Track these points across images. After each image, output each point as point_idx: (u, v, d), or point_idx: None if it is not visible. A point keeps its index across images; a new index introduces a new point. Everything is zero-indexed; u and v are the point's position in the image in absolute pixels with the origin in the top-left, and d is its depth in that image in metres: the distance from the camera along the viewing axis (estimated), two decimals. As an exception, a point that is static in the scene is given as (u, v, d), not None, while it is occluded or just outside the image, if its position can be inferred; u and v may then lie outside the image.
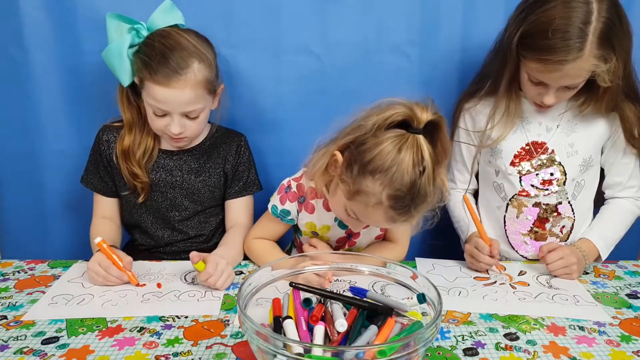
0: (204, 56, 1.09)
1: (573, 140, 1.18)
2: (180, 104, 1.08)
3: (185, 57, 1.06)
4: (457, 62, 1.35)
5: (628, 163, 1.21)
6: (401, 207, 0.90)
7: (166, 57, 1.05)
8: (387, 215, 0.92)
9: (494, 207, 1.28)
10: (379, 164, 0.88)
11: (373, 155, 0.89)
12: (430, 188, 0.90)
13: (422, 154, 0.88)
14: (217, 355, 0.81)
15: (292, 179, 1.15)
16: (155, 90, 1.06)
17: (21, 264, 1.14)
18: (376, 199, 0.90)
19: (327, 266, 0.92)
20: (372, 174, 0.89)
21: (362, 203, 0.93)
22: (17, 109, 1.31)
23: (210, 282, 1.01)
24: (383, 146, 0.88)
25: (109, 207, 1.26)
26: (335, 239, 1.18)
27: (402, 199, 0.89)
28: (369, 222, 1.00)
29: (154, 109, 1.10)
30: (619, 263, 1.20)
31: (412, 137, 0.88)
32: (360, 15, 1.30)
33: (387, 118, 0.89)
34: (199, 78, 1.08)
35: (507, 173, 1.22)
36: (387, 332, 0.76)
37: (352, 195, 0.93)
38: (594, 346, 0.85)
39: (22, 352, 0.81)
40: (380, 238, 1.20)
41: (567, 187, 1.20)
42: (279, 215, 1.15)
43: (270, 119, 1.35)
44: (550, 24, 0.99)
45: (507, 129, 1.19)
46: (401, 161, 0.87)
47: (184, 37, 1.08)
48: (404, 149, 0.87)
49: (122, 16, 1.10)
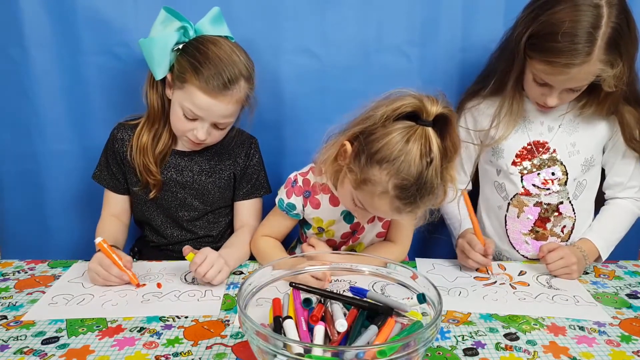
0: (249, 75, 1.12)
1: (575, 139, 1.18)
2: (218, 116, 1.11)
3: (237, 74, 1.08)
4: (457, 62, 1.35)
5: (629, 163, 1.21)
6: (407, 197, 0.90)
7: (219, 70, 1.06)
8: (393, 206, 0.92)
9: (495, 206, 1.28)
10: (387, 153, 0.88)
11: (381, 145, 0.89)
12: (437, 180, 0.90)
13: (430, 146, 0.88)
14: (217, 355, 0.81)
15: (298, 173, 1.16)
16: (199, 96, 1.07)
17: (21, 264, 1.14)
18: (382, 188, 0.90)
19: (327, 266, 0.92)
20: (379, 164, 0.89)
21: (368, 192, 0.93)
22: (17, 109, 1.31)
23: (198, 272, 1.01)
24: (391, 136, 0.89)
25: (119, 204, 1.26)
26: (340, 234, 1.18)
27: (408, 189, 0.89)
28: (375, 212, 1.00)
29: (187, 112, 1.10)
30: (619, 263, 1.20)
31: (421, 129, 0.88)
32: (360, 15, 1.30)
33: (396, 109, 0.90)
34: (241, 95, 1.11)
35: (509, 172, 1.22)
36: (387, 332, 0.76)
37: (358, 184, 0.94)
38: (594, 346, 0.85)
39: (22, 352, 0.81)
40: (382, 236, 1.20)
41: (568, 187, 1.20)
42: (284, 208, 1.15)
43: (270, 119, 1.36)
44: (560, 26, 0.99)
45: (509, 129, 1.19)
46: (408, 152, 0.87)
47: (236, 52, 1.10)
48: (412, 140, 0.88)
49: (177, 13, 1.10)
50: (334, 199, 1.13)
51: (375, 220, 1.17)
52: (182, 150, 1.23)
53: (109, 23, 1.26)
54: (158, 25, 1.11)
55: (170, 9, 1.10)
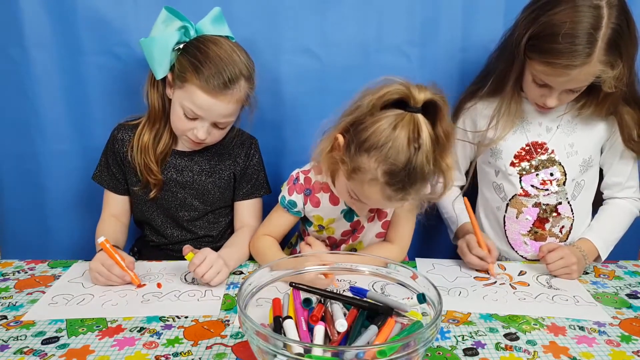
0: (250, 76, 1.12)
1: (573, 140, 1.18)
2: (217, 115, 1.11)
3: (238, 73, 1.08)
4: (457, 62, 1.35)
5: (627, 164, 1.21)
6: (396, 183, 0.90)
7: (219, 69, 1.06)
8: (384, 193, 0.93)
9: (494, 207, 1.28)
10: (374, 141, 0.89)
11: (369, 133, 0.90)
12: (428, 167, 0.90)
13: (419, 132, 0.88)
14: (217, 355, 0.81)
15: (300, 171, 1.17)
16: (199, 95, 1.07)
17: (21, 264, 1.14)
18: (372, 175, 0.91)
19: (327, 266, 0.92)
20: (367, 152, 0.90)
21: (359, 181, 0.94)
22: (17, 109, 1.31)
23: (197, 272, 1.01)
24: (379, 124, 0.90)
25: (119, 205, 1.26)
26: (340, 232, 1.19)
27: (397, 175, 0.89)
28: (368, 200, 1.00)
29: (187, 111, 1.10)
30: (619, 263, 1.20)
31: (409, 116, 0.89)
32: (360, 15, 1.30)
33: (382, 96, 0.91)
34: (241, 95, 1.11)
35: (507, 173, 1.22)
36: (387, 332, 0.76)
37: (350, 174, 0.95)
38: (594, 346, 0.85)
39: (22, 352, 0.81)
40: (382, 237, 1.20)
41: (567, 188, 1.20)
42: (286, 205, 1.16)
43: (270, 119, 1.36)
44: (560, 27, 0.99)
45: (507, 129, 1.19)
46: (396, 138, 0.88)
47: (236, 52, 1.10)
48: (399, 126, 0.88)
49: (177, 12, 1.10)
50: (333, 198, 1.13)
51: (375, 220, 1.17)
52: (182, 150, 1.23)
53: (109, 23, 1.26)
54: (159, 24, 1.11)
55: (172, 9, 1.10)
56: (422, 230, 1.47)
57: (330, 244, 1.21)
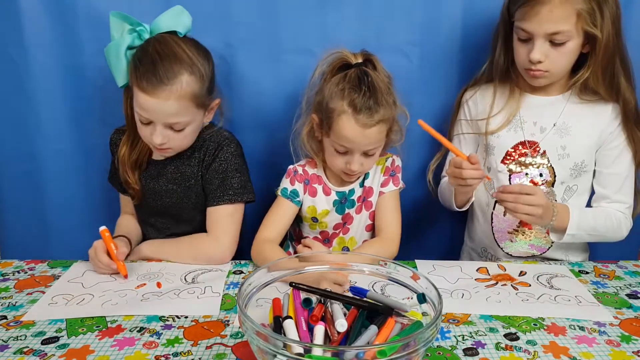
0: (196, 68, 1.05)
1: (566, 143, 1.18)
2: (163, 115, 1.05)
3: (176, 67, 1.02)
4: (457, 62, 1.35)
5: (617, 176, 1.19)
6: (361, 104, 1.05)
7: (155, 65, 1.02)
8: (357, 121, 1.06)
9: (483, 203, 1.29)
10: (334, 90, 1.08)
11: (330, 90, 1.09)
12: (384, 80, 1.10)
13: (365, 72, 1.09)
14: (217, 355, 0.81)
15: (297, 165, 1.24)
16: (140, 96, 1.04)
17: (21, 264, 1.14)
18: (340, 110, 1.06)
19: (327, 266, 0.92)
20: (332, 103, 1.08)
21: (335, 129, 1.08)
22: (17, 109, 1.31)
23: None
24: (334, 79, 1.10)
25: (129, 204, 1.29)
26: (332, 225, 1.24)
27: (358, 95, 1.06)
28: (348, 142, 1.09)
29: (139, 116, 1.08)
30: (619, 263, 1.20)
31: (355, 69, 1.10)
32: (360, 15, 1.30)
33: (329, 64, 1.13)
34: (185, 90, 1.04)
35: (497, 170, 1.23)
36: (387, 332, 0.76)
37: (327, 131, 1.11)
38: (594, 346, 0.85)
39: (22, 352, 0.81)
40: (370, 229, 1.24)
41: (555, 190, 1.20)
42: (289, 196, 1.20)
43: (270, 119, 1.35)
44: None
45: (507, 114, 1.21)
46: (349, 78, 1.08)
47: (181, 46, 1.05)
48: (349, 73, 1.09)
49: (126, 16, 1.08)
50: (326, 189, 1.22)
51: (363, 210, 1.22)
52: (156, 159, 1.21)
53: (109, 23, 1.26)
54: (114, 32, 1.08)
55: (119, 13, 1.07)
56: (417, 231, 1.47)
57: (323, 239, 1.25)
